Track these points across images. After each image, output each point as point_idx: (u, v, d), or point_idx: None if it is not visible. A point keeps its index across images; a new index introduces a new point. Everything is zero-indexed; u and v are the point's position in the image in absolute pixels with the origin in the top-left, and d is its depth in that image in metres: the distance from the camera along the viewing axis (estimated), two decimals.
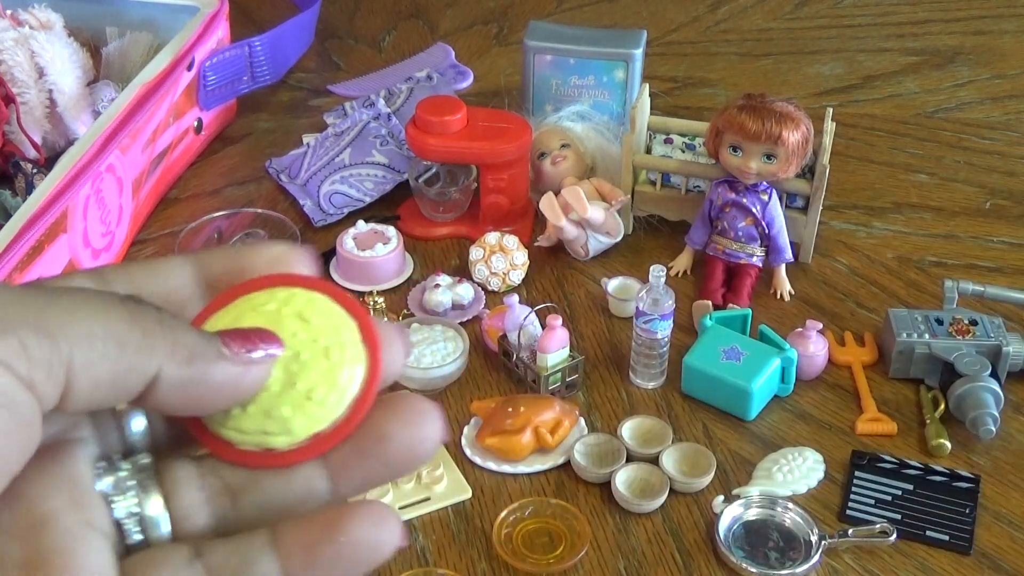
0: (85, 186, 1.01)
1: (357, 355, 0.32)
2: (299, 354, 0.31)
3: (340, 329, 0.32)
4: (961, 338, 0.97)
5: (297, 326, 0.32)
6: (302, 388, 0.31)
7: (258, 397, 0.31)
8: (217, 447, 0.31)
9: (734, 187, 1.06)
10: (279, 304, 0.32)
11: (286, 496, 0.31)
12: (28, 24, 1.18)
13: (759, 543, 0.85)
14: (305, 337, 0.32)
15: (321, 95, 1.40)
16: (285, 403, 0.31)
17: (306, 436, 0.31)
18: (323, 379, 0.31)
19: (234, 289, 0.32)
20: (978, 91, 1.40)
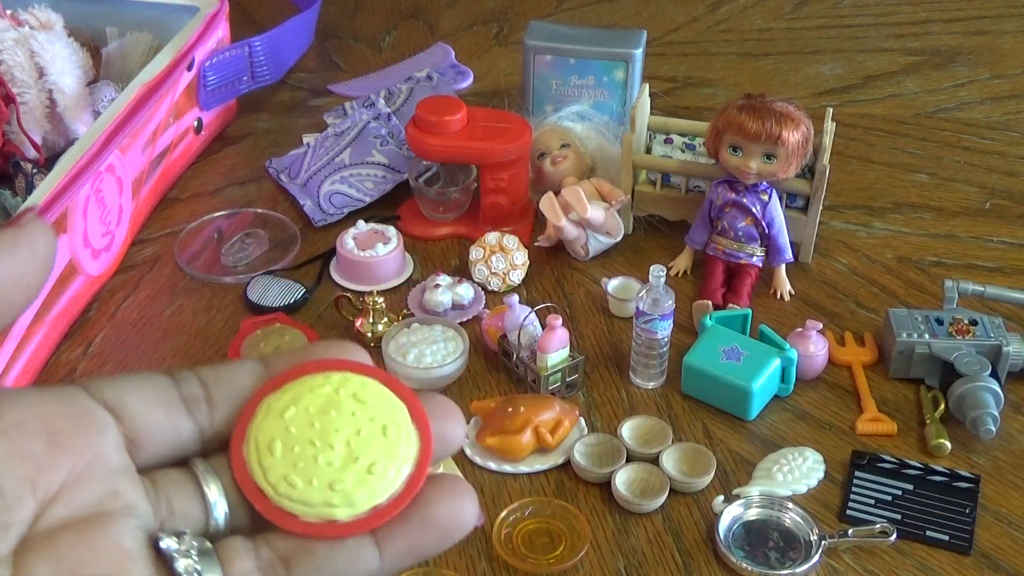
0: (85, 186, 1.01)
1: (410, 434, 0.34)
2: (359, 431, 0.34)
3: (394, 410, 0.35)
4: (961, 338, 0.97)
5: (355, 406, 0.34)
6: (364, 463, 0.33)
7: (322, 470, 0.33)
8: (282, 519, 0.33)
9: (734, 187, 1.06)
10: (335, 386, 0.35)
11: (337, 563, 0.33)
12: (28, 24, 1.18)
13: (759, 543, 0.85)
14: (363, 416, 0.34)
15: (321, 95, 1.40)
16: (348, 477, 0.33)
17: (367, 508, 0.33)
18: (382, 455, 0.34)
19: (290, 372, 0.35)
20: (978, 91, 1.40)
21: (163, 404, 0.33)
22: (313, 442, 0.34)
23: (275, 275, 1.10)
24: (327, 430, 0.34)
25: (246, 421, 0.34)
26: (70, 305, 1.03)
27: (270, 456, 0.33)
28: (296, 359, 0.35)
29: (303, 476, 0.33)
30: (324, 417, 0.34)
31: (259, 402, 0.34)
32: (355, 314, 1.05)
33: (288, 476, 0.33)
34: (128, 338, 1.05)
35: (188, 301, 1.09)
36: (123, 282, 1.11)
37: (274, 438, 0.34)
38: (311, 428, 0.34)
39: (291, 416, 0.34)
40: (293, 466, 0.33)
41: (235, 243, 1.16)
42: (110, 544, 0.31)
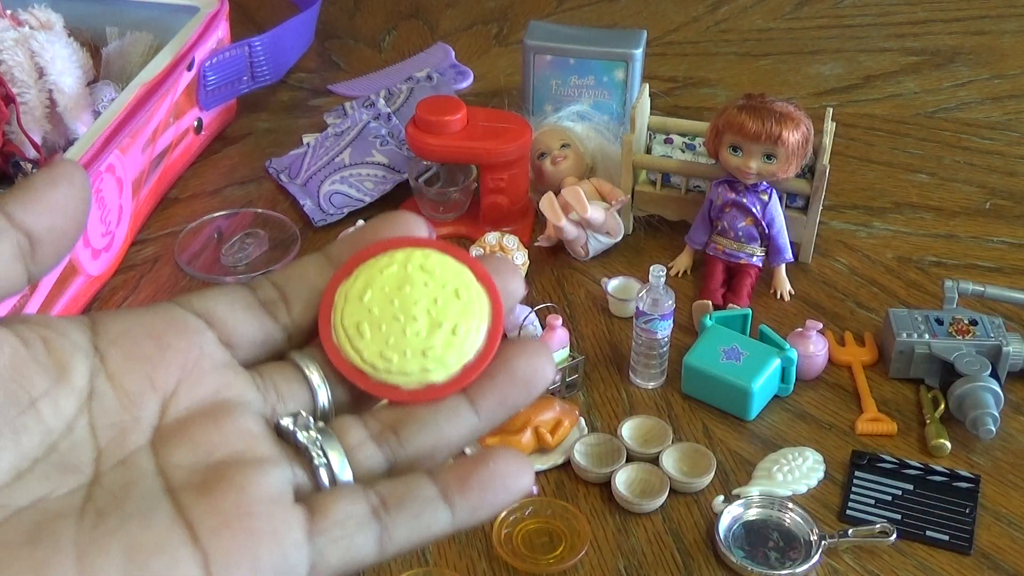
0: None
1: (479, 292, 0.37)
2: (436, 299, 0.37)
3: (460, 273, 0.37)
4: (961, 338, 0.97)
5: (424, 277, 0.37)
6: (448, 327, 0.36)
7: (412, 341, 0.36)
8: (386, 392, 0.36)
9: (734, 187, 1.06)
10: (401, 263, 0.37)
11: (439, 423, 0.35)
12: (28, 24, 1.18)
13: (759, 543, 0.85)
14: (435, 285, 0.37)
15: (321, 95, 1.40)
16: (437, 342, 0.36)
17: (459, 367, 0.36)
18: (462, 316, 0.36)
19: (353, 259, 0.37)
20: (978, 91, 1.40)
21: (246, 306, 0.36)
22: (397, 317, 0.36)
23: None
24: (406, 304, 0.36)
25: (328, 311, 0.37)
26: (70, 305, 1.03)
27: (360, 338, 0.36)
28: (356, 243, 0.38)
29: (396, 350, 0.36)
30: (400, 293, 0.37)
31: (334, 292, 0.37)
32: None
33: (383, 352, 0.36)
34: None
35: None
36: (123, 282, 1.11)
37: (360, 321, 0.36)
38: (391, 305, 0.36)
39: (370, 298, 0.36)
40: (385, 343, 0.36)
41: (235, 243, 1.16)
42: (236, 428, 0.34)
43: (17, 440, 0.32)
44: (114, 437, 0.33)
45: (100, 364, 0.34)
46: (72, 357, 0.33)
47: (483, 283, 0.37)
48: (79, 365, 0.33)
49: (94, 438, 0.33)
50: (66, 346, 0.34)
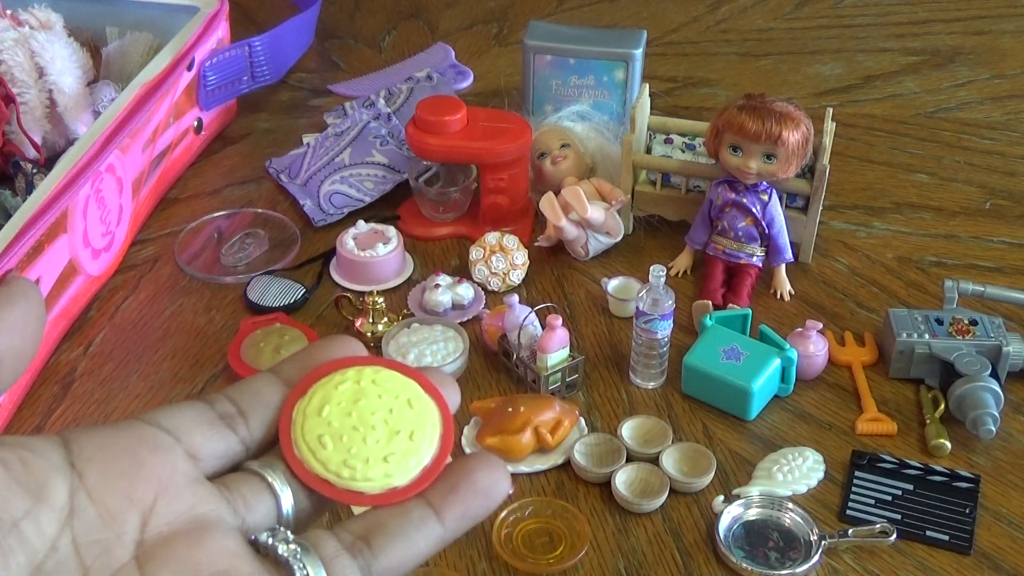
0: (85, 186, 1.01)
1: (428, 402, 0.40)
2: (391, 409, 0.39)
3: (409, 385, 0.40)
4: (961, 338, 0.97)
5: (378, 390, 0.39)
6: (405, 433, 0.39)
7: (373, 449, 0.38)
8: (350, 498, 0.38)
9: (734, 187, 1.06)
10: (353, 380, 0.39)
11: (408, 533, 0.37)
12: (28, 24, 1.18)
13: (759, 543, 0.85)
14: (388, 397, 0.39)
15: (321, 95, 1.40)
16: (396, 448, 0.38)
17: (418, 471, 0.38)
18: (416, 423, 0.39)
19: (307, 379, 0.39)
20: (978, 91, 1.40)
21: (207, 421, 0.38)
22: (356, 428, 0.38)
23: (275, 275, 1.10)
24: (364, 415, 0.39)
25: (287, 426, 0.39)
26: (70, 305, 1.03)
27: (323, 449, 0.38)
28: (304, 365, 0.40)
29: (359, 458, 0.38)
30: (356, 406, 0.39)
31: (292, 409, 0.39)
32: (355, 314, 1.05)
33: (347, 461, 0.38)
34: (128, 338, 1.05)
35: (188, 301, 1.09)
36: (123, 282, 1.11)
37: (321, 434, 0.38)
38: (349, 417, 0.39)
39: (328, 413, 0.39)
40: (347, 452, 0.38)
41: (235, 243, 1.16)
42: (218, 547, 0.35)
43: (4, 563, 0.32)
44: (99, 554, 0.34)
45: (79, 482, 0.34)
46: (50, 476, 0.34)
47: (430, 393, 0.40)
48: (58, 484, 0.34)
49: (78, 556, 0.33)
50: (44, 465, 0.34)
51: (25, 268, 0.94)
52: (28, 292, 0.37)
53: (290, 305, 1.07)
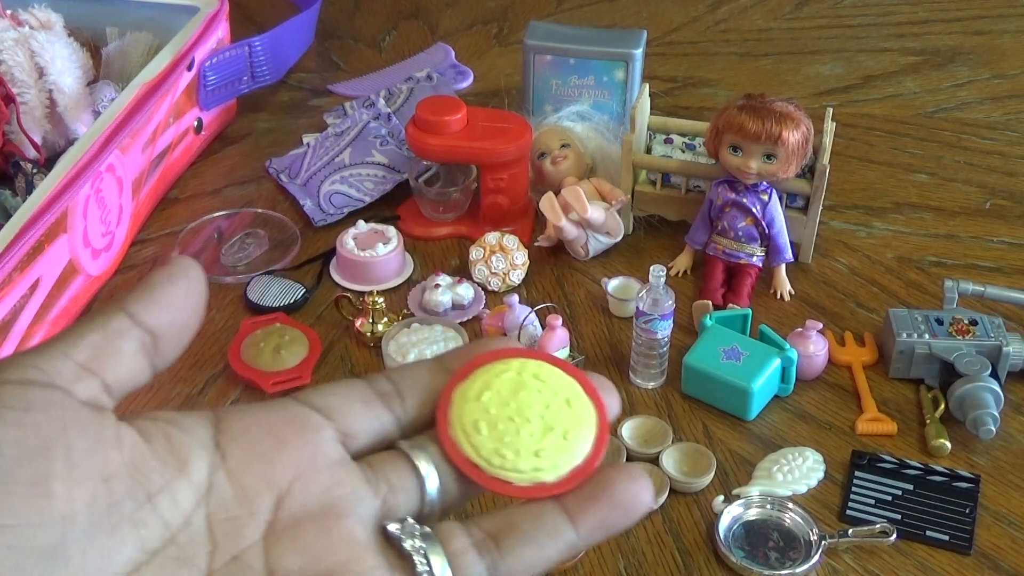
0: (85, 186, 1.01)
1: (587, 403, 0.39)
2: (548, 405, 0.39)
3: (570, 384, 0.40)
4: (961, 338, 0.97)
5: (538, 385, 0.39)
6: (559, 431, 0.39)
7: (526, 441, 0.38)
8: (499, 486, 0.38)
9: (734, 187, 1.06)
10: (517, 370, 0.40)
11: (539, 537, 0.37)
12: (28, 24, 1.18)
13: (759, 543, 0.85)
14: (548, 393, 0.39)
15: (321, 95, 1.40)
16: (549, 445, 0.38)
17: (567, 470, 0.38)
18: (572, 423, 0.39)
19: (471, 363, 0.40)
20: (978, 91, 1.40)
21: (363, 400, 0.38)
22: (512, 418, 0.38)
23: (275, 275, 1.10)
24: (522, 407, 0.39)
25: (445, 408, 0.39)
26: (70, 305, 1.03)
27: (477, 435, 0.38)
28: (468, 354, 0.40)
29: (511, 448, 0.38)
30: (516, 396, 0.39)
31: (452, 391, 0.39)
32: (355, 314, 1.05)
33: (499, 449, 0.38)
34: None
35: None
36: (123, 282, 1.11)
37: (477, 420, 0.38)
38: (507, 407, 0.39)
39: (487, 399, 0.39)
40: (500, 440, 0.38)
41: (235, 243, 1.16)
42: (344, 535, 0.35)
43: (136, 533, 0.33)
44: (229, 532, 0.35)
45: (220, 461, 0.35)
46: (192, 452, 0.35)
47: (590, 395, 0.40)
48: (199, 460, 0.35)
49: (210, 532, 0.34)
50: (187, 441, 0.35)
51: (25, 268, 0.94)
52: (189, 270, 0.37)
53: (290, 305, 1.07)
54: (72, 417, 0.33)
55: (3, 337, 0.93)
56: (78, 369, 0.34)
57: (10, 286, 0.92)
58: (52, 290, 0.99)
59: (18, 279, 0.93)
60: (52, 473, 0.32)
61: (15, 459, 0.32)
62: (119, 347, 0.36)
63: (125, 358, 0.36)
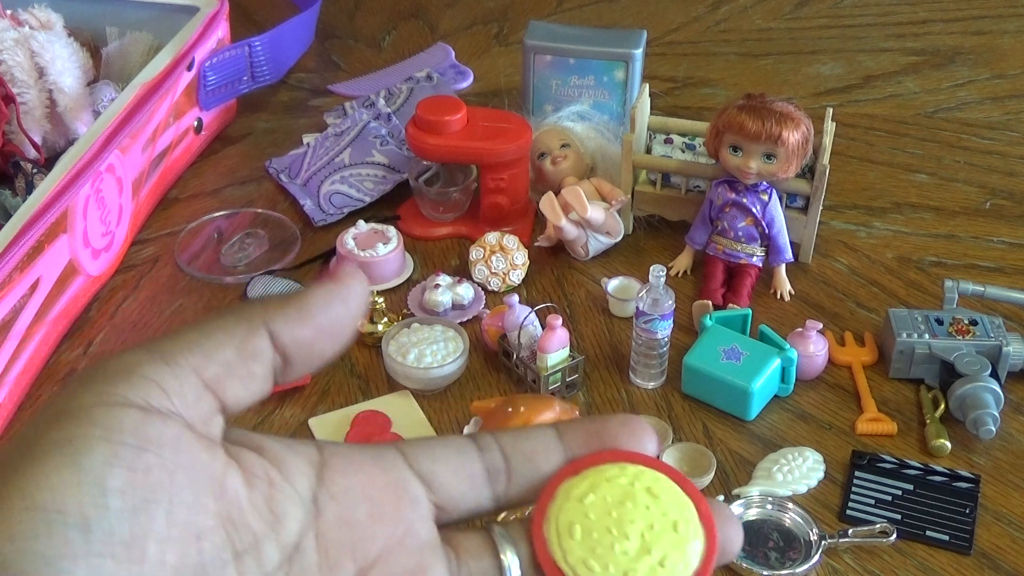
0: (85, 186, 1.01)
1: (698, 531, 0.36)
2: (653, 525, 0.36)
3: (684, 507, 0.37)
4: (961, 338, 0.97)
5: (649, 500, 0.36)
6: (656, 556, 0.35)
7: (618, 558, 0.35)
8: None
9: (734, 187, 1.06)
10: (631, 478, 0.37)
11: None
12: (28, 24, 1.18)
13: (759, 543, 0.85)
14: (656, 511, 0.36)
15: (321, 95, 1.40)
16: (641, 568, 0.35)
17: None
18: (673, 549, 0.35)
19: (585, 460, 0.37)
20: (978, 91, 1.40)
21: (469, 475, 0.36)
22: (610, 530, 0.36)
23: (275, 275, 1.10)
24: (623, 520, 0.36)
25: (546, 501, 0.36)
26: (70, 305, 1.03)
27: (570, 539, 0.35)
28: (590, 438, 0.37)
29: (600, 561, 0.35)
30: (620, 507, 0.36)
31: (558, 485, 0.37)
32: None
33: (587, 560, 0.35)
34: (128, 338, 1.05)
35: (188, 301, 1.09)
36: (123, 282, 1.11)
37: (574, 522, 0.36)
38: (608, 516, 0.36)
39: (590, 503, 0.36)
40: (591, 551, 0.35)
41: (235, 243, 1.16)
42: None
43: None
44: None
45: (313, 520, 0.34)
46: (290, 508, 0.33)
47: (704, 523, 0.36)
48: (293, 520, 0.33)
49: None
50: (288, 494, 0.33)
51: (25, 268, 0.94)
52: (350, 295, 0.35)
53: None
54: (184, 460, 0.31)
55: (3, 337, 0.93)
56: (201, 389, 0.32)
57: (10, 286, 0.92)
58: (52, 290, 0.99)
59: (18, 279, 0.93)
60: (150, 532, 0.30)
61: (119, 514, 0.29)
62: (251, 370, 0.34)
63: (252, 383, 0.34)
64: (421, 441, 0.36)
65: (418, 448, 0.36)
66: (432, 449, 0.36)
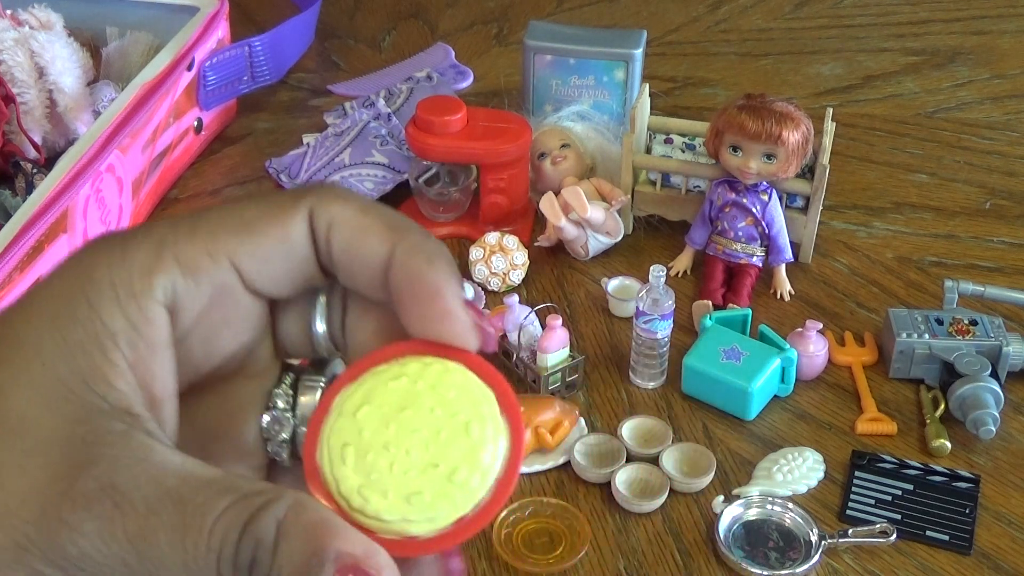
0: (85, 186, 1.01)
1: (498, 429, 0.31)
2: (439, 431, 0.31)
3: (479, 402, 0.31)
4: (961, 338, 0.97)
5: (433, 401, 0.31)
6: (444, 470, 0.30)
7: (398, 480, 0.30)
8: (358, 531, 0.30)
9: (734, 187, 1.06)
10: (412, 379, 0.31)
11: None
12: (28, 24, 1.18)
13: (759, 543, 0.85)
14: (443, 413, 0.31)
15: (321, 95, 1.40)
16: (426, 487, 0.30)
17: (449, 522, 0.31)
18: (465, 459, 0.30)
19: (362, 362, 0.32)
20: (978, 91, 1.40)
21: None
22: (387, 447, 0.31)
23: None
24: (403, 432, 0.31)
25: (320, 419, 0.32)
26: None
27: (342, 465, 0.31)
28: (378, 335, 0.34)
29: (376, 489, 0.30)
30: (400, 416, 0.31)
31: (333, 397, 0.32)
32: None
33: (361, 489, 0.30)
34: None
35: None
36: None
37: (347, 443, 0.31)
38: (385, 430, 0.31)
39: (364, 416, 0.31)
40: (367, 476, 0.30)
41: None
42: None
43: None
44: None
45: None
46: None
47: (508, 417, 0.31)
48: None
49: None
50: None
51: (25, 268, 0.94)
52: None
53: None
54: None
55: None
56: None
57: (10, 286, 0.92)
58: None
59: (18, 279, 0.93)
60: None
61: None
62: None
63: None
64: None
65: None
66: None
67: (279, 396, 0.34)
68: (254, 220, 0.34)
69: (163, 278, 0.33)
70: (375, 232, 0.33)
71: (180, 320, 0.33)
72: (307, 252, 0.34)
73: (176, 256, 0.33)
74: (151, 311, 0.32)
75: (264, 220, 0.34)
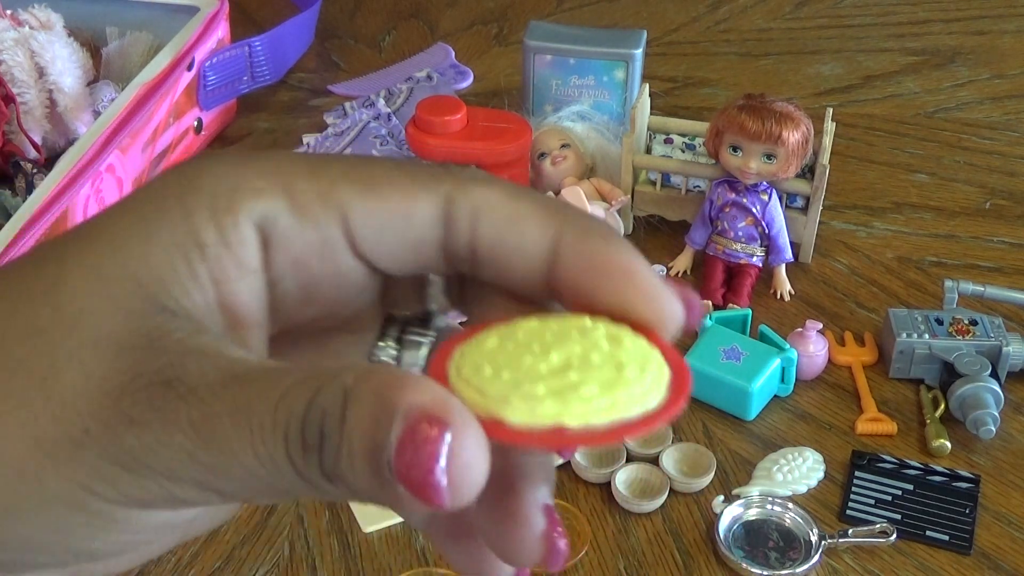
0: (85, 186, 1.01)
1: (655, 381, 0.29)
2: (588, 357, 0.28)
3: (645, 356, 0.29)
4: (961, 338, 0.97)
5: (605, 341, 0.29)
6: (574, 377, 0.28)
7: (518, 369, 0.28)
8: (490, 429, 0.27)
9: (734, 187, 1.06)
10: (588, 325, 0.29)
11: None
12: (28, 24, 1.18)
13: (759, 543, 0.85)
14: (603, 349, 0.29)
15: (321, 95, 1.40)
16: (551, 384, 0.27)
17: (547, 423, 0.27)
18: (608, 384, 0.28)
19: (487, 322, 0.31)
20: (978, 91, 1.40)
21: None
22: (531, 346, 0.28)
23: None
24: (556, 343, 0.28)
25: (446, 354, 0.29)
26: None
27: (478, 376, 0.28)
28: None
29: (493, 364, 0.28)
30: (561, 335, 0.28)
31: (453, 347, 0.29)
32: None
33: (480, 363, 0.28)
34: None
35: None
36: None
37: (481, 362, 0.28)
38: (539, 340, 0.28)
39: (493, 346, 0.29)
40: (515, 373, 0.28)
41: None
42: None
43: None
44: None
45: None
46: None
47: (674, 377, 0.29)
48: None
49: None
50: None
51: None
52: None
53: None
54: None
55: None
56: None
57: None
58: None
59: None
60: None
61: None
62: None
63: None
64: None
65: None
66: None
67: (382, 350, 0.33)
68: (380, 182, 0.31)
69: (267, 204, 0.31)
70: (533, 219, 0.30)
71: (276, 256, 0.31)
72: (430, 235, 0.31)
73: (287, 188, 0.31)
74: (245, 231, 0.30)
75: (391, 186, 0.31)
